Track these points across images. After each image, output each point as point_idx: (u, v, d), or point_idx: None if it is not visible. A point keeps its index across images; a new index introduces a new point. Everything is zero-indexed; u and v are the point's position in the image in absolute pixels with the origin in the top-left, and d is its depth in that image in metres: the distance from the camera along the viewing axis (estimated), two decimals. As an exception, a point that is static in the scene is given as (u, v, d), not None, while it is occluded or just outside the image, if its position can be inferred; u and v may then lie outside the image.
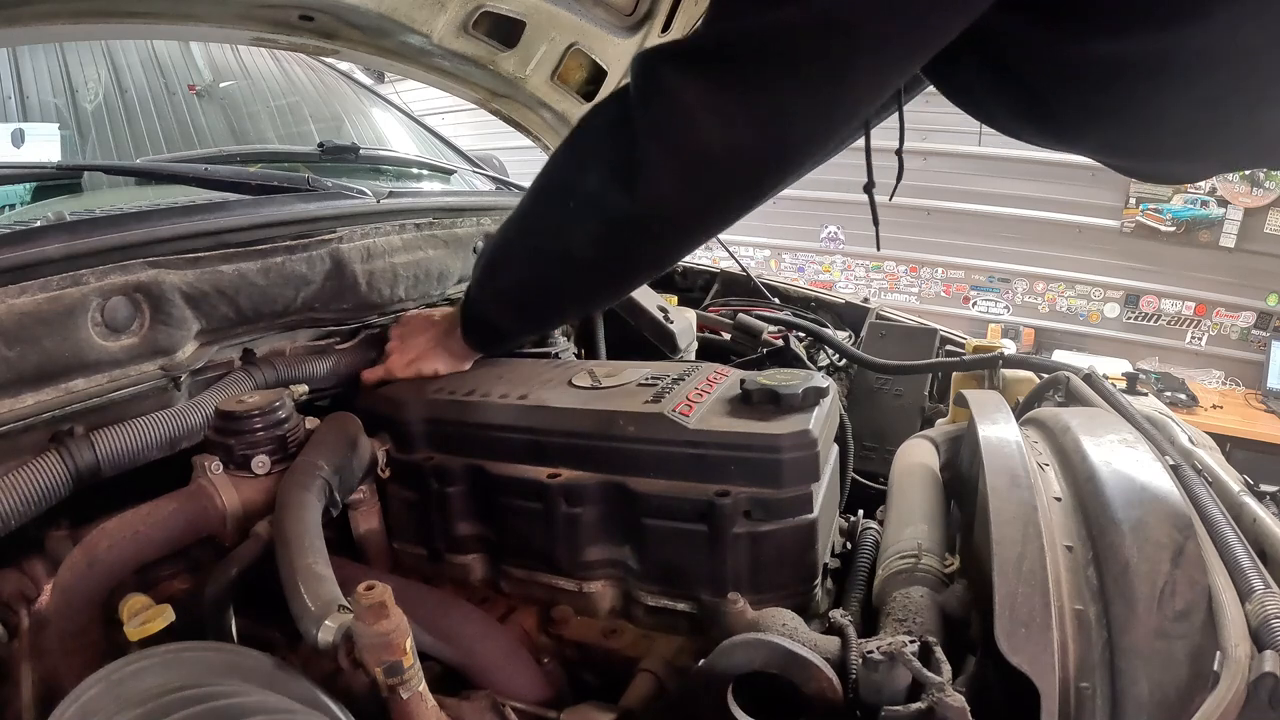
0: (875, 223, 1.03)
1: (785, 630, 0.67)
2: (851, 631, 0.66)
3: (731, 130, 0.65)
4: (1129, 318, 4.61)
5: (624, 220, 0.73)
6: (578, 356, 1.44)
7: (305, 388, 1.00)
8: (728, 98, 0.64)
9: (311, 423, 0.88)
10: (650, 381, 0.94)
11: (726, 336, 1.73)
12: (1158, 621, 0.55)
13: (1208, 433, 1.09)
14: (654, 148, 0.67)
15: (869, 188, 1.03)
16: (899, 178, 1.04)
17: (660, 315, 1.47)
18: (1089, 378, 1.13)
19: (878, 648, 0.61)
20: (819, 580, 0.83)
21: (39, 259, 0.78)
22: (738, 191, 0.71)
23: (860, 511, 1.04)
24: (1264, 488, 0.88)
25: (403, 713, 0.55)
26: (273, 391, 0.86)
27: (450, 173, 1.83)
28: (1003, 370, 1.35)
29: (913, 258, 5.07)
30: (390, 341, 1.06)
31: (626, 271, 0.83)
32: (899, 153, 1.05)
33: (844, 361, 1.70)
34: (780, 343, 1.61)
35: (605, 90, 1.68)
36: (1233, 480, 0.84)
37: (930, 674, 0.57)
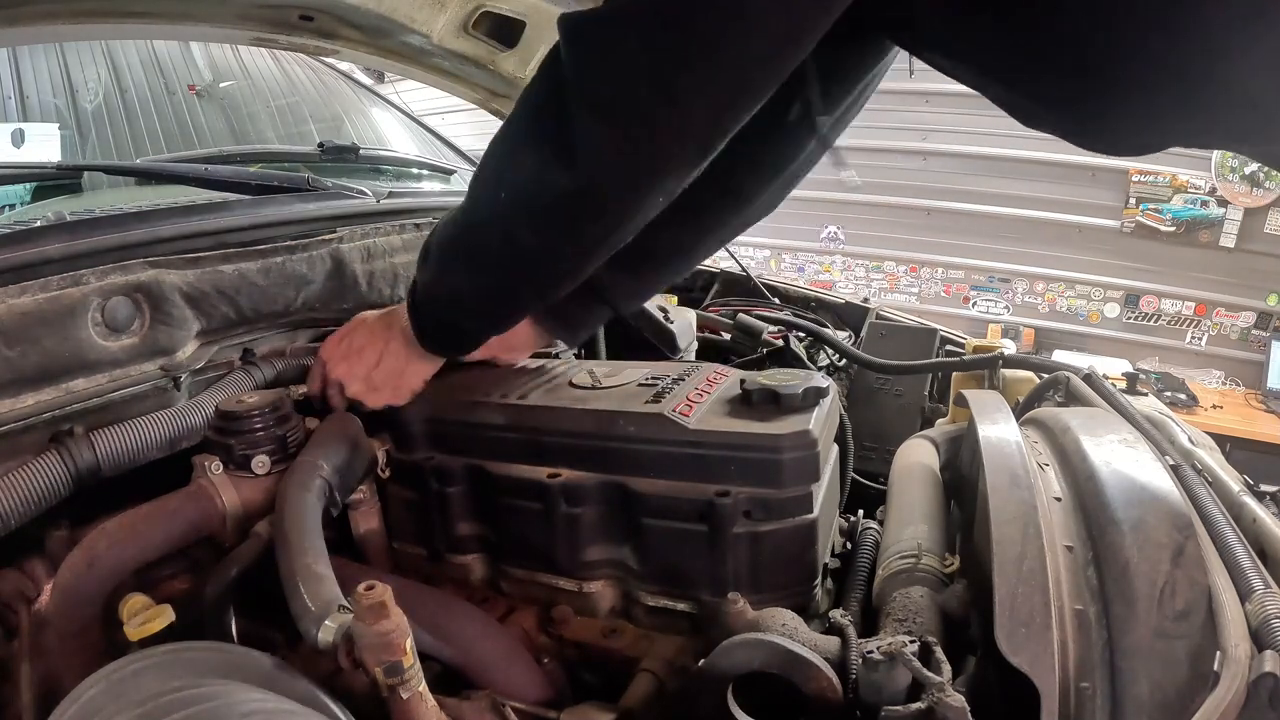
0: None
1: (785, 630, 0.67)
2: (851, 631, 0.66)
3: (671, 88, 0.63)
4: (1129, 318, 4.61)
5: (569, 197, 0.70)
6: (578, 356, 1.44)
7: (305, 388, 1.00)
8: (664, 56, 0.62)
9: (311, 423, 0.88)
10: (650, 381, 0.94)
11: (726, 336, 1.72)
12: (1158, 621, 0.55)
13: (1208, 433, 1.08)
14: (590, 114, 0.64)
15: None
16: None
17: (660, 315, 1.47)
18: (1089, 378, 1.13)
19: (878, 648, 0.61)
20: (819, 580, 0.83)
21: (39, 259, 0.78)
22: (679, 150, 0.68)
23: (860, 511, 1.03)
24: (1264, 488, 0.88)
25: (403, 713, 0.55)
26: (273, 391, 0.86)
27: (450, 173, 1.83)
28: (1003, 370, 1.35)
29: (913, 258, 5.06)
30: (331, 364, 0.93)
31: (578, 253, 0.78)
32: None
33: (844, 361, 1.70)
34: (780, 343, 1.61)
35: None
36: (1233, 480, 0.84)
37: (930, 674, 0.57)
